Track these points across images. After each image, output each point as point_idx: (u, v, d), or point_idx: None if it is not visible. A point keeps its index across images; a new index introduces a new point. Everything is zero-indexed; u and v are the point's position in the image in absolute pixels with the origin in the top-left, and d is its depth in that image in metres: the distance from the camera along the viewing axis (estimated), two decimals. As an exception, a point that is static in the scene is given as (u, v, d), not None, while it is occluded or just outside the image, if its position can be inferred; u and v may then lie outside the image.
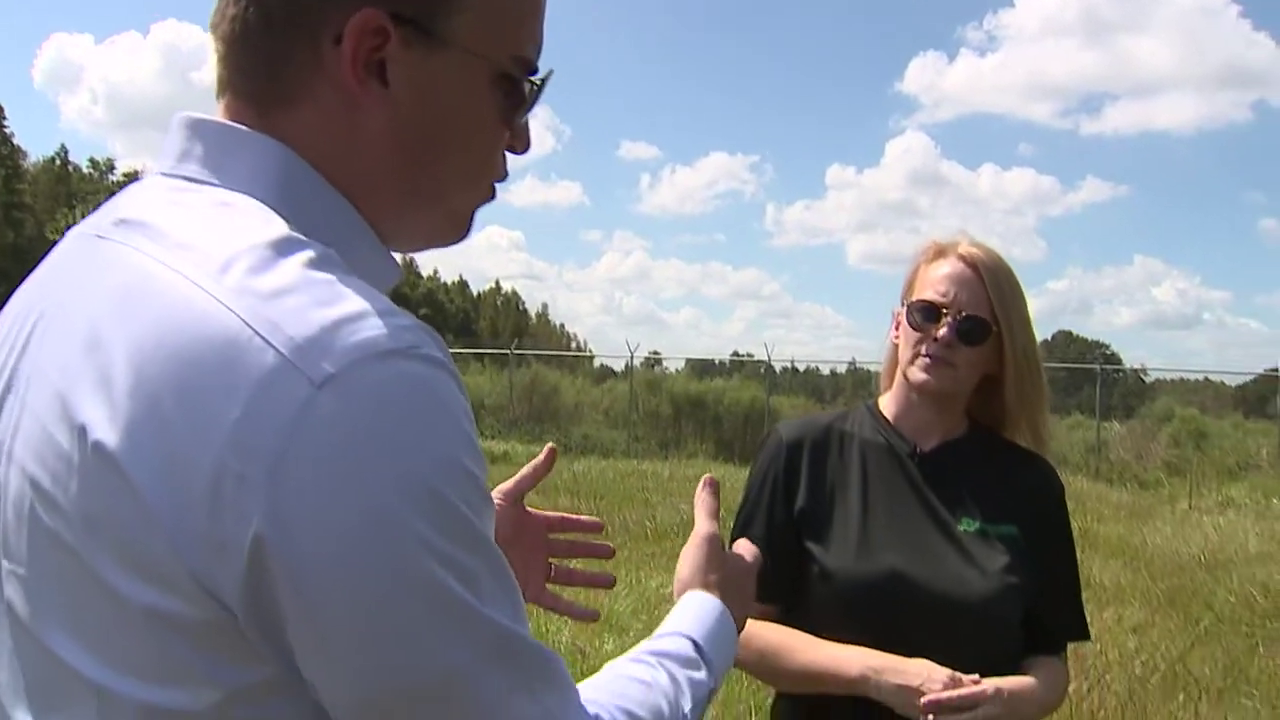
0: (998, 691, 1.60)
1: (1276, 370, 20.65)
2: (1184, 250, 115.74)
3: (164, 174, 0.83)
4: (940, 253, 1.84)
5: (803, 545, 1.78)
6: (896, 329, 1.87)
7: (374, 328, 0.70)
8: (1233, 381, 38.00)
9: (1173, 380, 35.30)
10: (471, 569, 0.72)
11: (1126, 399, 30.94)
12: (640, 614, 6.49)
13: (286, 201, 0.79)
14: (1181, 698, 5.24)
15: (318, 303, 0.70)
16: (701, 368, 30.41)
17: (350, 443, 0.67)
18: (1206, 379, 36.47)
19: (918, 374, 1.80)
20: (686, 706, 0.94)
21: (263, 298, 0.70)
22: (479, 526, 0.73)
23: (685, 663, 0.98)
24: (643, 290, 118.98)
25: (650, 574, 7.67)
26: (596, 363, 34.12)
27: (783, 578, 1.75)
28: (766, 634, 1.73)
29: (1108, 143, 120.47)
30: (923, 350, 1.79)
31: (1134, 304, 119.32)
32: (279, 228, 0.75)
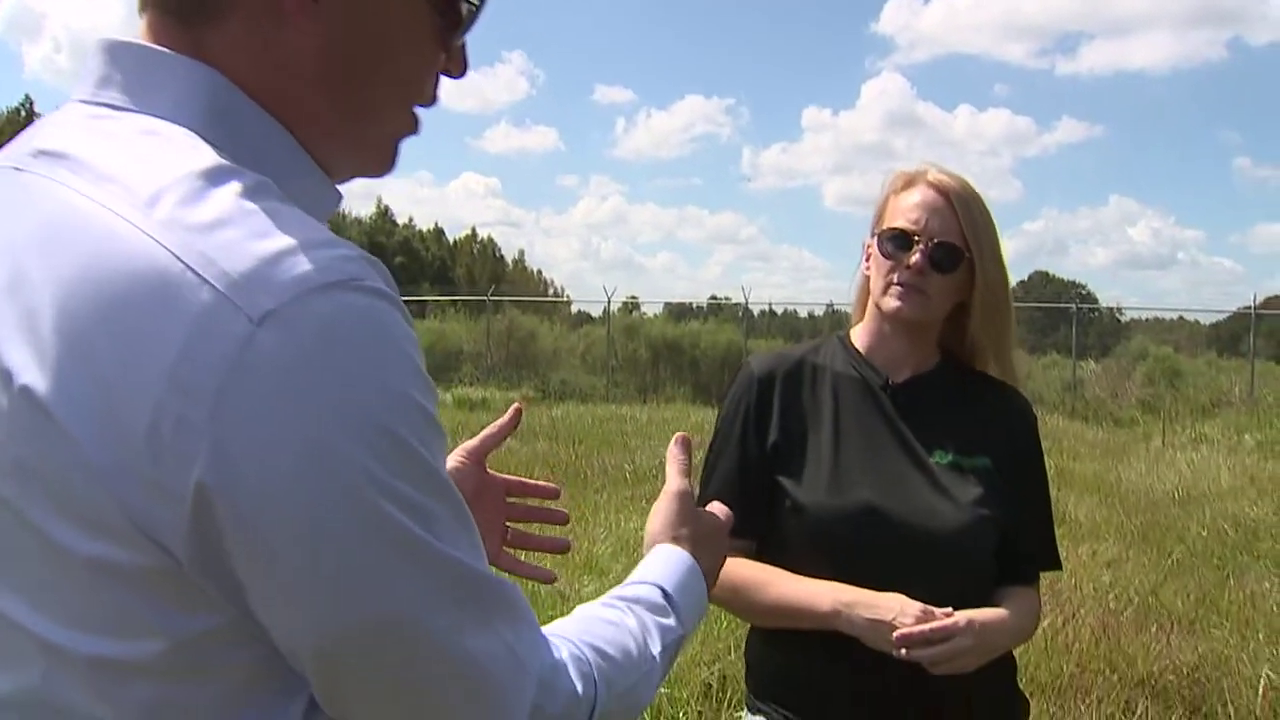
0: (970, 624, 1.60)
1: (1249, 308, 20.76)
2: (1159, 190, 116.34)
3: (84, 101, 0.78)
4: (909, 182, 1.82)
5: (775, 479, 1.76)
6: (867, 261, 1.86)
7: (315, 260, 0.66)
8: (1207, 320, 38.39)
9: (1148, 319, 35.47)
10: (424, 505, 0.70)
11: (1103, 338, 31.12)
12: (620, 556, 6.51)
13: (216, 128, 0.75)
14: (1154, 629, 5.31)
15: (254, 235, 0.67)
16: (679, 312, 30.37)
17: (293, 379, 0.64)
18: (1181, 318, 36.68)
19: (891, 302, 1.78)
20: (655, 649, 0.93)
21: (195, 231, 0.66)
22: (432, 461, 0.71)
23: (654, 608, 0.97)
24: (620, 235, 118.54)
25: (629, 517, 7.69)
26: (575, 308, 34.02)
27: (756, 512, 1.75)
28: (739, 569, 1.73)
29: (1083, 83, 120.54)
30: (895, 279, 1.77)
31: (1109, 244, 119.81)
32: (208, 156, 0.72)
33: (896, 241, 1.77)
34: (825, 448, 1.77)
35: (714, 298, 33.93)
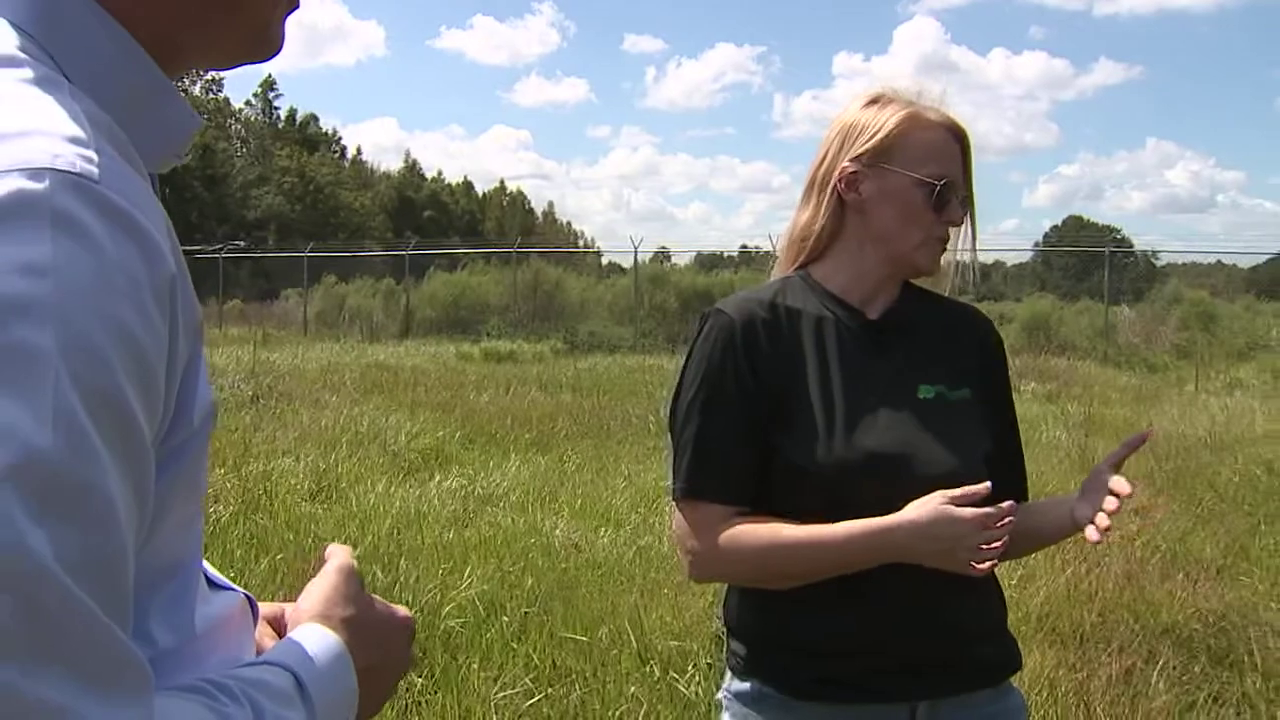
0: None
1: (1290, 250, 20.34)
2: (1199, 132, 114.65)
3: None
4: (929, 118, 1.68)
5: (770, 439, 1.63)
6: (856, 189, 1.68)
7: (30, 145, 0.59)
8: (1246, 263, 37.74)
9: (1184, 264, 34.83)
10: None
11: (1136, 283, 30.65)
12: (638, 507, 6.47)
13: (41, 21, 0.69)
14: (1181, 577, 5.21)
15: None
16: (710, 262, 30.19)
17: None
18: (1219, 261, 36.00)
19: (927, 262, 1.69)
20: None
21: None
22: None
23: (278, 698, 0.75)
24: (651, 186, 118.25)
25: (649, 468, 7.66)
26: (605, 259, 33.93)
27: (751, 477, 1.63)
28: (748, 538, 1.60)
29: (1123, 22, 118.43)
30: (934, 233, 1.68)
31: (1146, 188, 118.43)
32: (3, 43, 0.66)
33: (944, 195, 1.66)
34: (819, 401, 1.64)
35: (744, 247, 33.59)
